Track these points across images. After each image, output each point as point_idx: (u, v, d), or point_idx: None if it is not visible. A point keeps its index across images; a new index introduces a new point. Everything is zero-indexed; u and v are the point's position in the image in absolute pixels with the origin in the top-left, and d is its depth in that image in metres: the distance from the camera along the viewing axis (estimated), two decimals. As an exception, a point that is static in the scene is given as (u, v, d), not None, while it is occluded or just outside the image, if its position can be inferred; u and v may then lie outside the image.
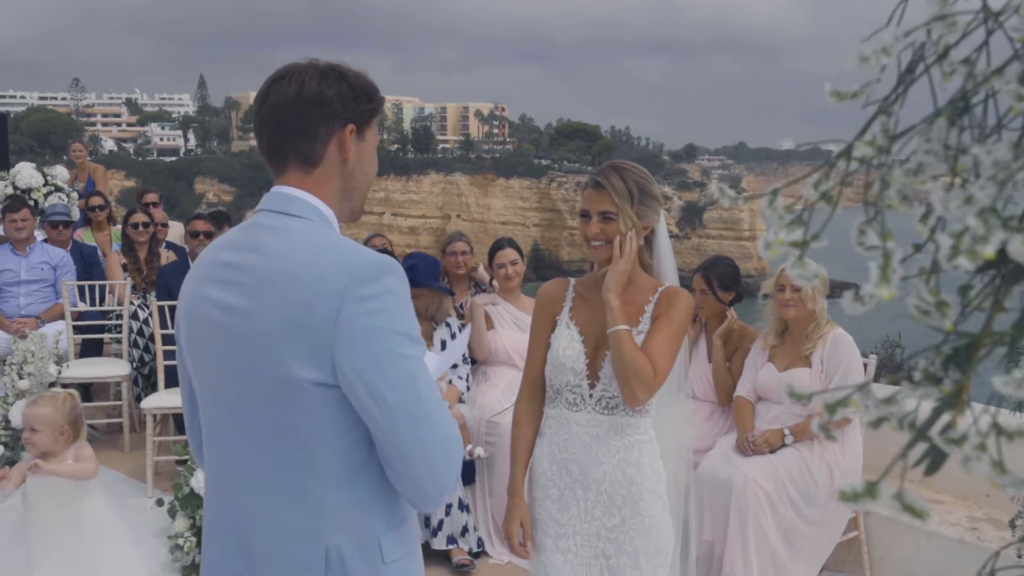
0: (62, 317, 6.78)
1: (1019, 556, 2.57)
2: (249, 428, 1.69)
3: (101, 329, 6.93)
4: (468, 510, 4.74)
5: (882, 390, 0.64)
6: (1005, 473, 0.55)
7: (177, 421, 6.16)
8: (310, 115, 1.72)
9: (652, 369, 2.59)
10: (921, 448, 0.58)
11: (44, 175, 9.09)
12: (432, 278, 5.02)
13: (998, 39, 0.54)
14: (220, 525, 1.79)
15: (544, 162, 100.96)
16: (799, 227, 0.57)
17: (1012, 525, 3.25)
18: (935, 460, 0.56)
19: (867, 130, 0.56)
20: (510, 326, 5.32)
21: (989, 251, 0.49)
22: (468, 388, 5.12)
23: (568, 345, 2.75)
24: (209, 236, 6.60)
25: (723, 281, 4.70)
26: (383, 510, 1.71)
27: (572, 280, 2.92)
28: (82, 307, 6.86)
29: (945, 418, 0.54)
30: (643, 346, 2.64)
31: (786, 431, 4.22)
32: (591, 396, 2.72)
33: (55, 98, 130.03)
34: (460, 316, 5.49)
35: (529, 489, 2.84)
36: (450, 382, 5.00)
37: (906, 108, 0.61)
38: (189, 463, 4.76)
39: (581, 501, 2.72)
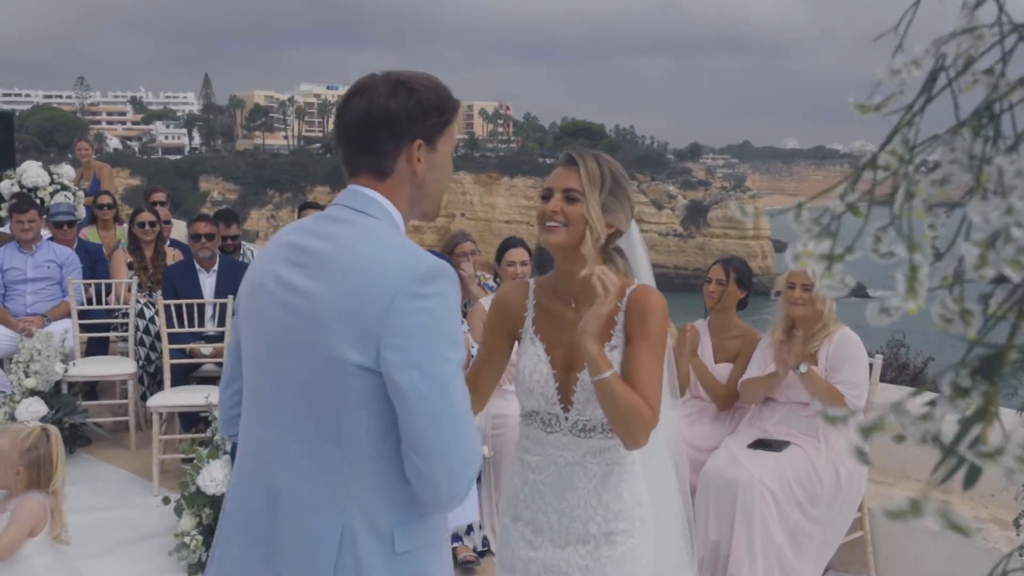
0: (68, 315, 6.79)
1: (1021, 556, 2.56)
2: (292, 400, 1.78)
3: (107, 328, 6.94)
4: (472, 509, 4.74)
5: (888, 392, 0.64)
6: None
7: (183, 419, 6.17)
8: (378, 133, 1.83)
9: (648, 407, 2.35)
10: (950, 461, 0.58)
11: (50, 173, 9.11)
12: None
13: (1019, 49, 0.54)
14: (249, 489, 1.86)
15: (548, 161, 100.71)
16: (827, 239, 0.57)
17: (1016, 524, 3.24)
18: (971, 474, 0.56)
19: (890, 140, 0.56)
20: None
21: None
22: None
23: (535, 368, 2.51)
24: (211, 238, 6.60)
25: (740, 276, 4.71)
26: (403, 502, 1.77)
27: (532, 283, 2.63)
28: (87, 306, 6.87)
29: (975, 431, 0.54)
30: (627, 376, 2.39)
31: (803, 366, 4.16)
32: (566, 419, 2.49)
33: (60, 96, 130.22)
34: (464, 315, 5.49)
35: (503, 510, 2.69)
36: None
37: (927, 115, 0.61)
38: (195, 461, 4.77)
39: (555, 526, 2.51)
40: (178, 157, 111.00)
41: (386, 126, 1.82)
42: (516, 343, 2.64)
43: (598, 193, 2.39)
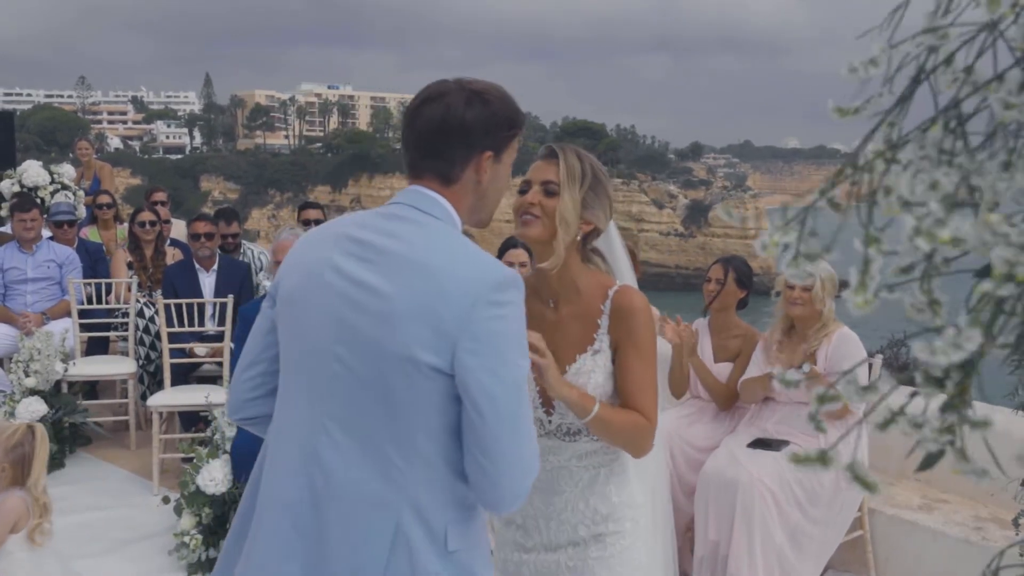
0: (68, 314, 6.80)
1: (1022, 555, 2.56)
2: (349, 394, 1.78)
3: (107, 327, 6.95)
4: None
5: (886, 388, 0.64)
6: (968, 463, 0.56)
7: (183, 419, 6.18)
8: (451, 141, 1.86)
9: (644, 419, 2.34)
10: (924, 447, 0.59)
11: (51, 173, 9.12)
12: None
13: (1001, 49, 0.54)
14: (289, 478, 1.84)
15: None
16: (793, 230, 0.58)
17: (1016, 523, 3.25)
18: (928, 459, 0.57)
19: (871, 139, 0.56)
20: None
21: (945, 235, 0.50)
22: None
23: None
24: (210, 238, 6.61)
25: (740, 276, 4.71)
26: (456, 501, 1.79)
27: None
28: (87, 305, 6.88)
29: (948, 419, 0.54)
30: (621, 386, 2.37)
31: (805, 365, 4.18)
32: (550, 423, 2.45)
33: (61, 96, 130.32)
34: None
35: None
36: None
37: (919, 114, 0.61)
38: (195, 461, 4.78)
39: (544, 531, 2.49)
40: (179, 157, 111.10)
41: (460, 135, 1.85)
42: None
43: (577, 188, 2.33)
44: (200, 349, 6.29)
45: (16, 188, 8.93)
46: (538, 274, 2.46)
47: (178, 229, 8.79)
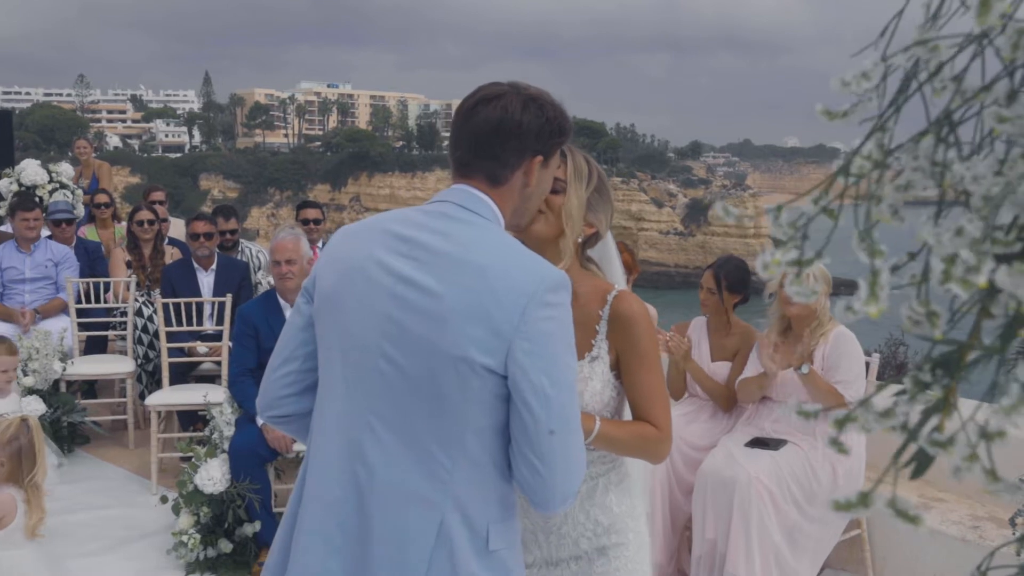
0: (63, 311, 6.80)
1: (1018, 555, 2.57)
2: (392, 390, 1.78)
3: (106, 326, 6.95)
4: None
5: (885, 396, 0.65)
6: (998, 481, 0.56)
7: (181, 418, 6.18)
8: (506, 143, 1.87)
9: (656, 428, 2.29)
10: (912, 450, 0.59)
11: (49, 172, 9.11)
12: None
13: (991, 58, 0.55)
14: (333, 475, 1.84)
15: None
16: (795, 247, 0.58)
17: (1012, 523, 3.25)
18: (921, 464, 0.57)
19: (864, 145, 0.57)
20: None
21: (982, 280, 0.50)
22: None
23: None
24: (209, 237, 6.61)
25: (731, 283, 4.70)
26: (498, 500, 1.81)
27: None
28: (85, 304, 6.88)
29: (933, 421, 0.55)
30: (630, 397, 2.33)
31: (804, 367, 4.17)
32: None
33: (60, 94, 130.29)
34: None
35: None
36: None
37: (910, 118, 0.62)
38: (193, 460, 4.78)
39: (544, 546, 2.39)
40: (178, 155, 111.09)
41: (516, 138, 1.86)
42: None
43: (583, 187, 2.30)
44: (201, 347, 6.29)
45: (14, 187, 8.92)
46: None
47: (177, 228, 8.79)
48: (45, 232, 7.44)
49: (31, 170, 9.03)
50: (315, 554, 1.83)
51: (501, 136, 1.86)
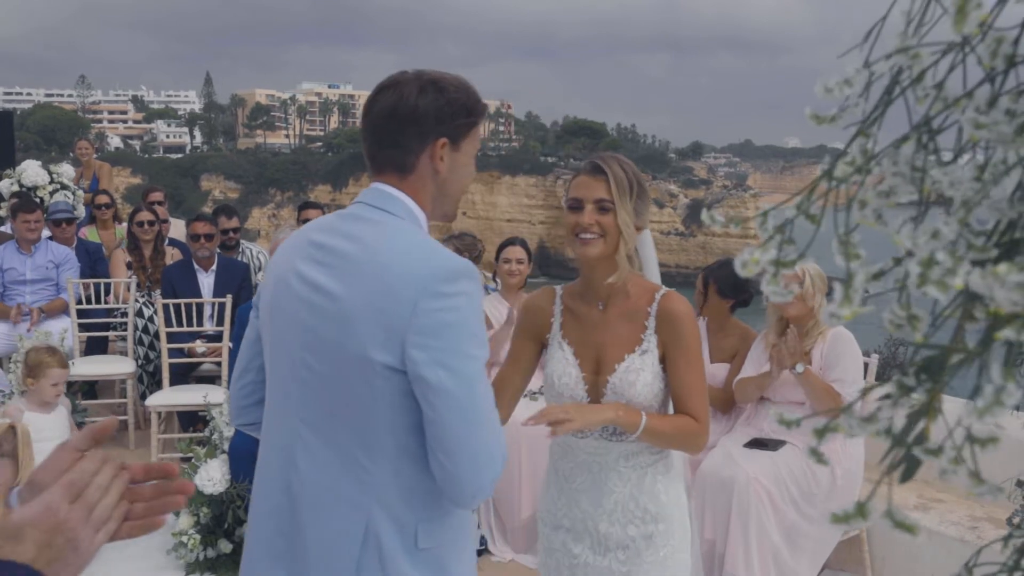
0: (64, 311, 6.81)
1: (1012, 563, 2.57)
2: (317, 399, 1.81)
3: (106, 327, 6.96)
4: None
5: (870, 401, 0.65)
6: (983, 484, 0.56)
7: (181, 419, 6.19)
8: (404, 129, 1.85)
9: (695, 421, 2.41)
10: (897, 453, 0.59)
11: (50, 173, 9.12)
12: None
13: (974, 65, 0.55)
14: (272, 483, 1.88)
15: (550, 160, 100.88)
16: (774, 247, 0.59)
17: (1010, 523, 3.26)
18: (909, 468, 0.58)
19: (847, 151, 0.58)
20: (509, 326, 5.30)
21: (958, 282, 0.51)
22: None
23: (564, 371, 2.52)
24: (210, 238, 6.62)
25: (722, 287, 4.71)
26: (425, 499, 1.80)
27: (559, 289, 2.65)
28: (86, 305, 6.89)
29: (919, 425, 0.56)
30: (673, 390, 2.46)
31: (799, 366, 4.17)
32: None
33: (61, 95, 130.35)
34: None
35: (541, 516, 2.69)
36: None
37: (897, 123, 0.62)
38: (193, 461, 4.79)
39: (593, 534, 2.51)
40: (179, 156, 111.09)
41: (413, 122, 1.84)
42: (543, 349, 2.64)
43: (628, 200, 2.39)
44: (200, 347, 6.30)
45: (15, 188, 8.93)
46: (587, 280, 2.54)
47: (177, 229, 8.80)
48: (46, 233, 7.45)
49: (32, 171, 9.05)
50: (262, 562, 1.88)
51: (398, 122, 1.85)
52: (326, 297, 1.78)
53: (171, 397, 5.88)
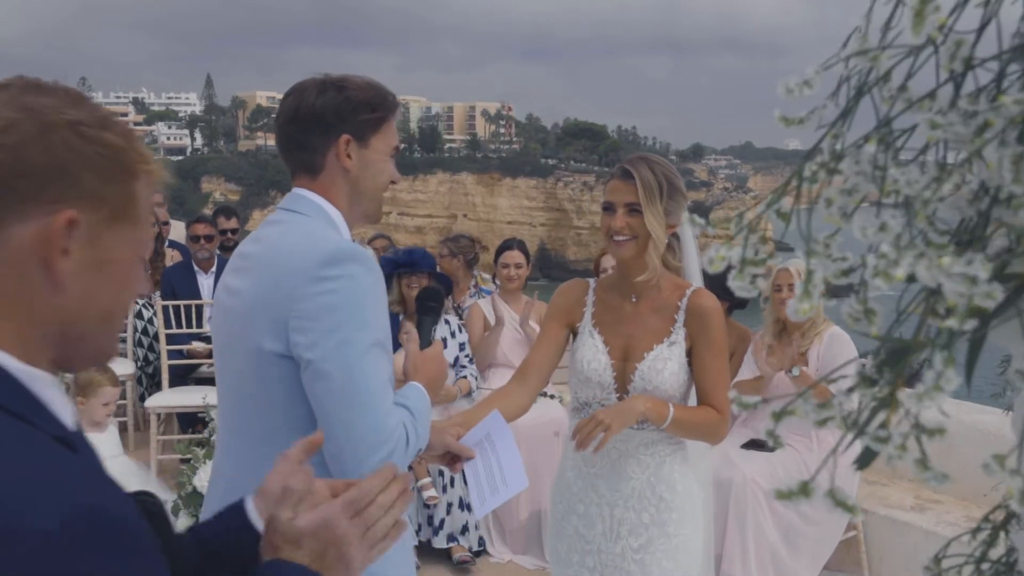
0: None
1: (980, 555, 2.59)
2: (233, 399, 1.87)
3: (106, 328, 6.96)
4: (469, 509, 4.76)
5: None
6: (928, 470, 0.58)
7: (181, 420, 6.20)
8: (306, 129, 1.87)
9: (716, 411, 2.51)
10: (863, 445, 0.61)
11: (50, 175, 9.13)
12: (431, 266, 5.10)
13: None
14: (215, 495, 1.92)
15: (551, 162, 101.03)
16: (738, 245, 0.61)
17: (987, 519, 3.27)
18: (865, 456, 0.60)
19: (815, 152, 0.59)
20: (508, 327, 5.31)
21: (899, 274, 0.53)
22: (478, 387, 5.13)
23: (593, 357, 2.60)
24: (210, 240, 6.64)
25: (712, 290, 4.72)
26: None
27: (592, 281, 2.75)
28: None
29: (880, 417, 0.57)
30: (698, 382, 2.57)
31: (795, 369, 4.20)
32: None
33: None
34: (460, 316, 5.50)
35: (554, 501, 2.74)
36: (464, 376, 5.04)
37: (867, 123, 0.64)
38: (192, 462, 4.80)
39: (607, 519, 2.58)
40: (180, 158, 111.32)
41: (314, 122, 1.86)
42: (572, 338, 2.72)
43: (658, 202, 2.48)
44: (199, 345, 6.31)
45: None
46: (621, 275, 2.63)
47: (177, 231, 8.81)
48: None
49: (32, 173, 9.05)
50: None
51: (299, 123, 1.87)
52: (233, 297, 1.84)
53: (170, 399, 5.89)
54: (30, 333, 0.92)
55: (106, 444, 4.24)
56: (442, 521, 4.66)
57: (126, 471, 4.29)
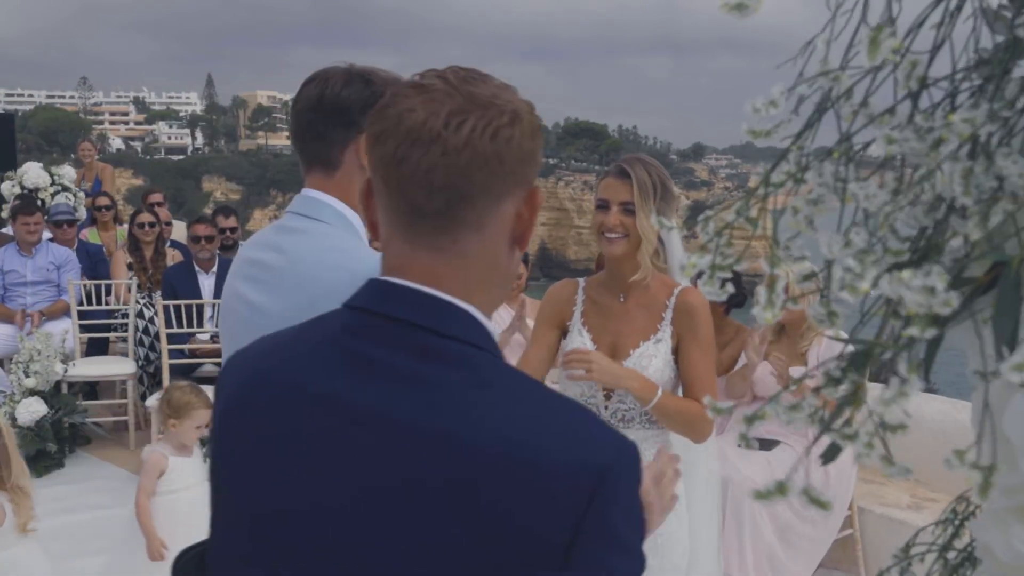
0: (66, 314, 6.85)
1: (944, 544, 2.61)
2: None
3: (107, 328, 7.00)
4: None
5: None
6: (893, 466, 0.62)
7: (182, 419, 6.22)
8: (327, 120, 1.76)
9: (704, 408, 2.50)
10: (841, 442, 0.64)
11: (51, 175, 9.17)
12: None
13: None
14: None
15: (551, 161, 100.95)
16: (708, 253, 0.64)
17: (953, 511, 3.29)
18: (831, 451, 0.63)
19: (781, 163, 0.62)
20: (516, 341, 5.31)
21: (864, 287, 0.56)
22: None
23: None
24: (210, 240, 6.66)
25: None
26: None
27: (581, 281, 2.78)
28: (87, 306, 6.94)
29: (845, 414, 0.60)
30: (684, 377, 2.59)
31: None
32: (606, 408, 2.62)
33: (63, 96, 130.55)
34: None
35: None
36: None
37: (831, 135, 0.67)
38: (193, 461, 4.82)
39: None
40: (181, 157, 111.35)
41: (338, 113, 1.75)
42: (563, 337, 2.74)
43: (651, 202, 2.51)
44: (202, 335, 6.34)
45: (17, 190, 8.98)
46: (611, 274, 2.66)
47: (178, 231, 8.84)
48: (47, 235, 7.50)
49: (33, 173, 9.09)
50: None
51: (322, 112, 1.76)
52: (255, 311, 1.76)
53: (171, 398, 5.91)
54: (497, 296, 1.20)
55: (194, 470, 4.19)
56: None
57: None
